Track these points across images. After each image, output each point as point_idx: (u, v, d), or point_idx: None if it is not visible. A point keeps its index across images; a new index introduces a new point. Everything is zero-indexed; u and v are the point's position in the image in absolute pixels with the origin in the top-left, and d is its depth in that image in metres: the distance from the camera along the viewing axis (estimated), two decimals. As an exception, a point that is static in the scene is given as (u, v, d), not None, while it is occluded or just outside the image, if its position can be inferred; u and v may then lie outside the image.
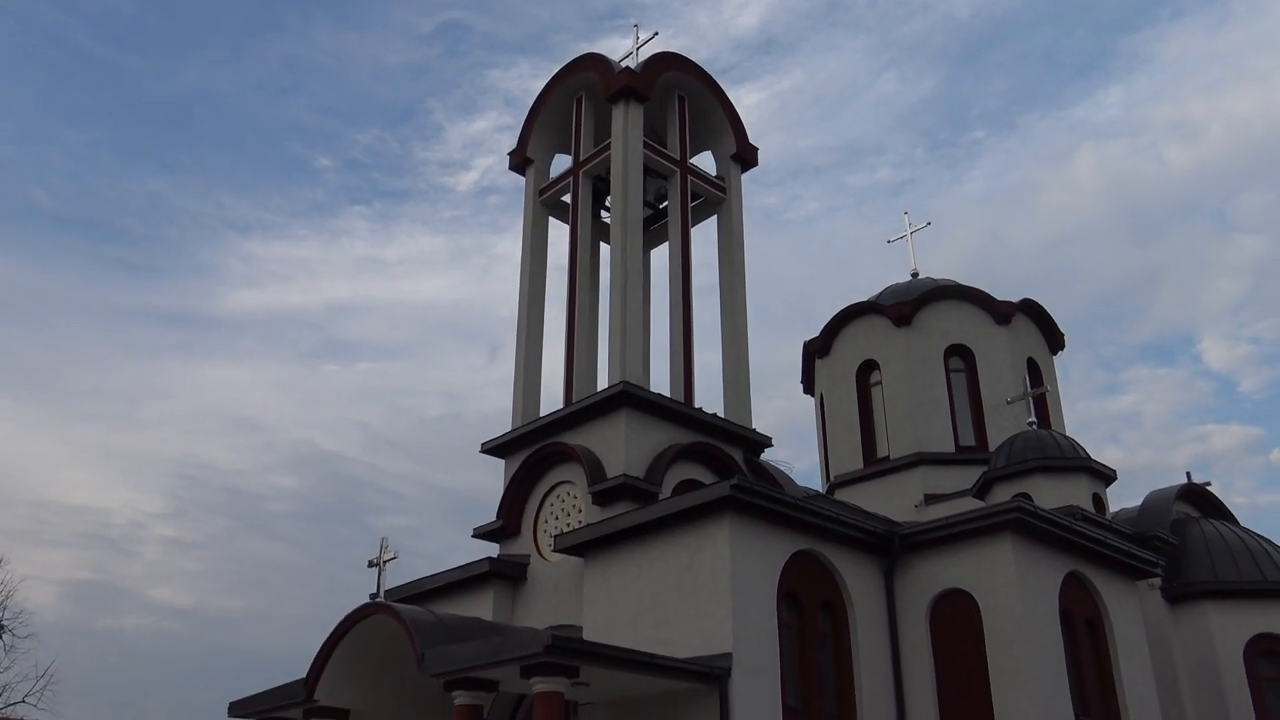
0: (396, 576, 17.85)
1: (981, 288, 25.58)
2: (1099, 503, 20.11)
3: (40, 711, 45.10)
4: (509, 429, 19.49)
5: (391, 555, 15.20)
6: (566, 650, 11.93)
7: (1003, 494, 20.04)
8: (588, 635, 15.04)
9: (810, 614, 15.20)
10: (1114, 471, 20.69)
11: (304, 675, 15.53)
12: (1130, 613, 17.28)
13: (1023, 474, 20.19)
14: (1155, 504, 21.54)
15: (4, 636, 47.97)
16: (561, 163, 22.38)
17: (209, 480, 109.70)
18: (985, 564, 15.40)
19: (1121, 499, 23.49)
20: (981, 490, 21.02)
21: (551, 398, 20.23)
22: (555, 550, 16.59)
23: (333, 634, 15.01)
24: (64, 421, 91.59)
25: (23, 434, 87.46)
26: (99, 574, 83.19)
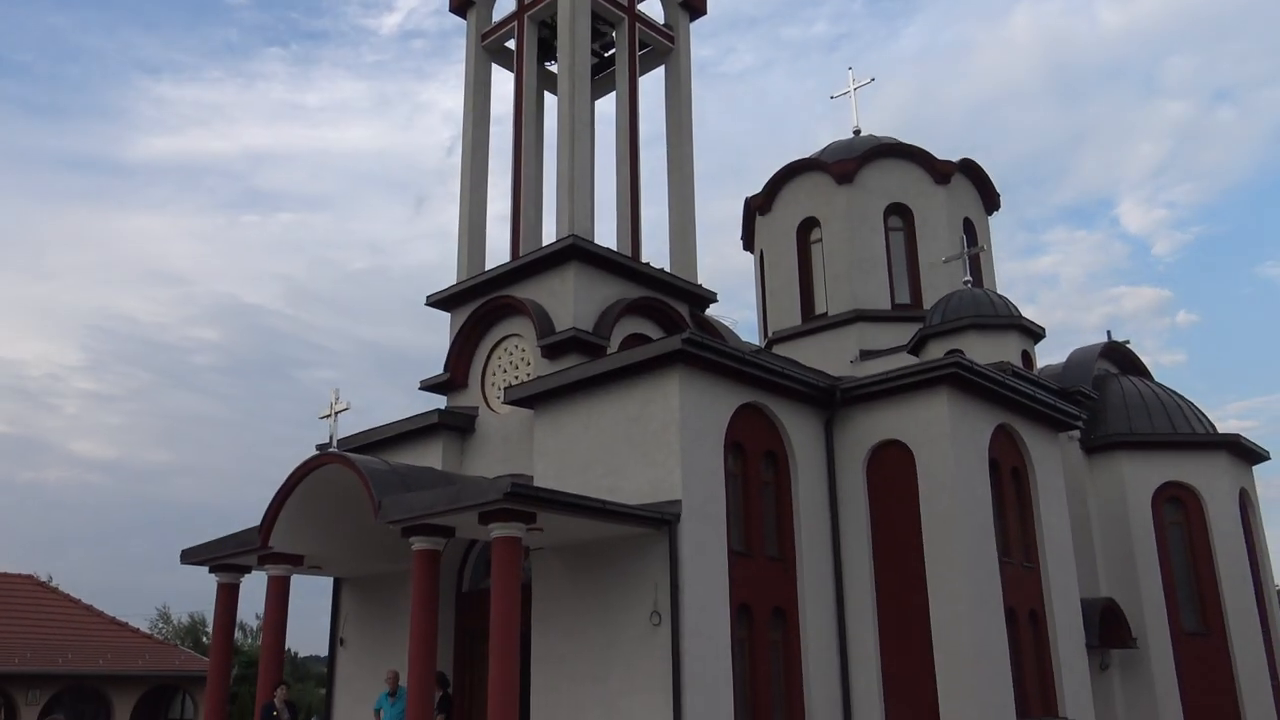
0: (327, 429, 17.83)
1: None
2: (1027, 359, 20.89)
3: (-29, 562, 44.96)
4: (442, 283, 19.40)
5: (344, 406, 15.23)
6: (525, 497, 12.25)
7: (937, 350, 20.66)
8: (539, 484, 15.39)
9: (754, 463, 15.76)
10: (1043, 329, 21.44)
11: (247, 526, 15.81)
12: (1052, 463, 18.26)
13: (957, 331, 20.79)
14: (1079, 361, 22.48)
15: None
16: (505, 6, 21.55)
17: (127, 333, 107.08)
18: (921, 416, 16.02)
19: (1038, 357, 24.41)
20: (916, 347, 21.64)
21: (494, 251, 20.09)
22: (505, 402, 16.79)
23: (286, 483, 15.14)
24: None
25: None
26: (16, 427, 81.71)
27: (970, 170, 26.36)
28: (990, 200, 27.08)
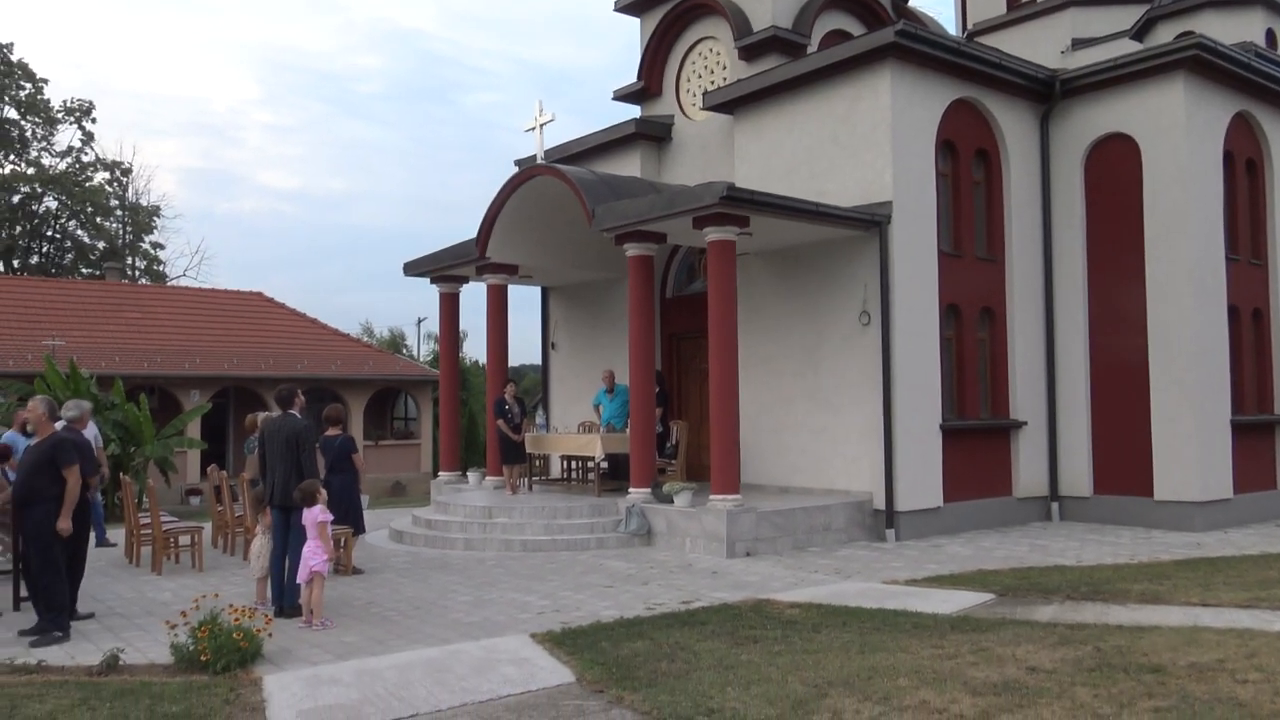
0: (496, 154, 17.95)
1: None
2: (1272, 38, 18.84)
3: (198, 283, 49.44)
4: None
5: (549, 118, 15.34)
6: (740, 200, 12.32)
7: (1165, 34, 18.83)
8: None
9: (965, 162, 15.23)
10: (1293, 3, 19.12)
11: (428, 249, 16.61)
12: (1293, 153, 16.85)
13: (1191, 10, 18.79)
14: (1332, 38, 20.08)
15: (159, 216, 51.20)
16: None
17: (296, 64, 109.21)
18: (1153, 106, 14.92)
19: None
20: (1141, 31, 19.76)
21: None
22: (703, 108, 16.55)
23: (498, 196, 15.69)
24: (138, 7, 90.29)
25: (99, 21, 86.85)
26: (209, 160, 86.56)
27: None
28: None
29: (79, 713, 6.12)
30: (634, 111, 19.00)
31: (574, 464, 17.03)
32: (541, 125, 15.49)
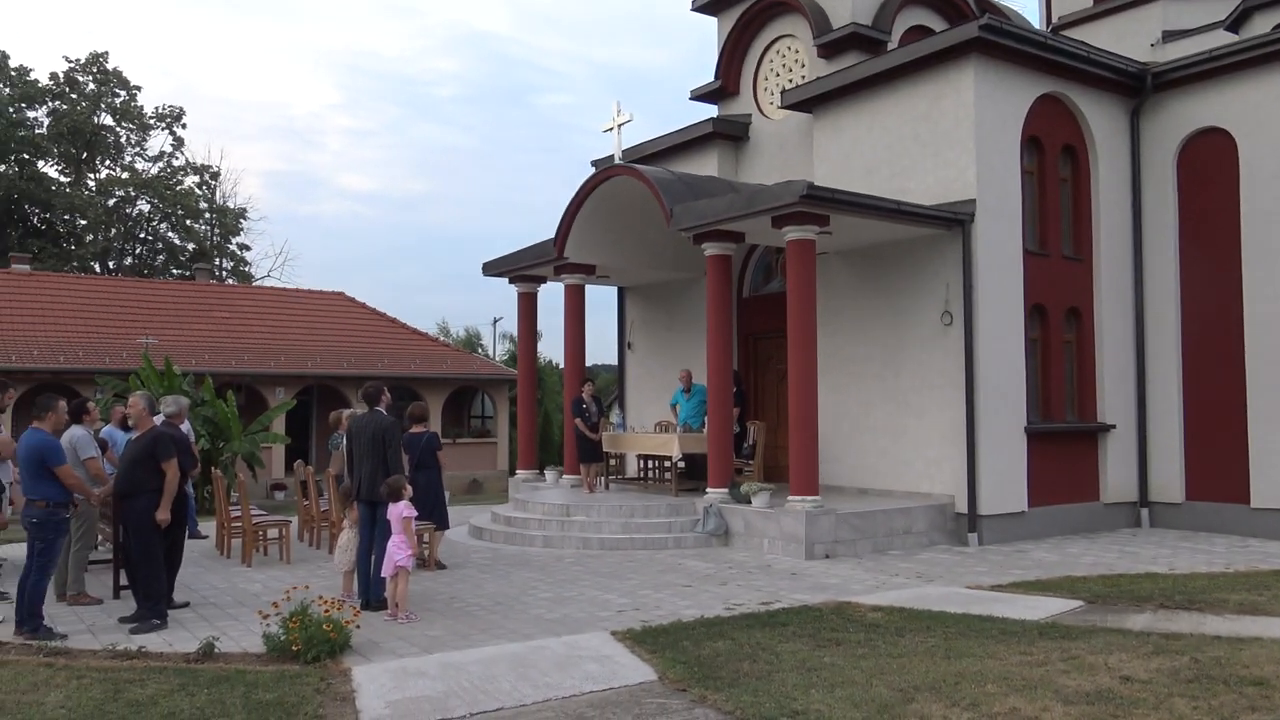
0: (570, 155, 17.95)
1: None
2: (1378, 28, 18.02)
3: (283, 283, 50.64)
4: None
5: (626, 118, 15.41)
6: (820, 199, 12.22)
7: (1263, 24, 18.13)
8: (821, 189, 15.27)
9: (1051, 159, 14.90)
10: (1402, -10, 18.25)
11: (502, 250, 16.75)
12: (1401, 146, 16.11)
13: (1291, -1, 18.07)
14: None
15: (245, 218, 52.58)
16: None
17: (374, 69, 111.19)
18: (1250, 99, 14.43)
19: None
20: (1236, 22, 19.07)
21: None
22: (782, 107, 16.45)
23: (577, 196, 15.79)
24: (223, 16, 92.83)
25: (187, 30, 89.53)
26: (292, 164, 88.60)
27: None
28: None
29: (178, 698, 6.33)
30: (709, 111, 18.99)
31: (651, 463, 17.06)
32: (619, 125, 15.56)
